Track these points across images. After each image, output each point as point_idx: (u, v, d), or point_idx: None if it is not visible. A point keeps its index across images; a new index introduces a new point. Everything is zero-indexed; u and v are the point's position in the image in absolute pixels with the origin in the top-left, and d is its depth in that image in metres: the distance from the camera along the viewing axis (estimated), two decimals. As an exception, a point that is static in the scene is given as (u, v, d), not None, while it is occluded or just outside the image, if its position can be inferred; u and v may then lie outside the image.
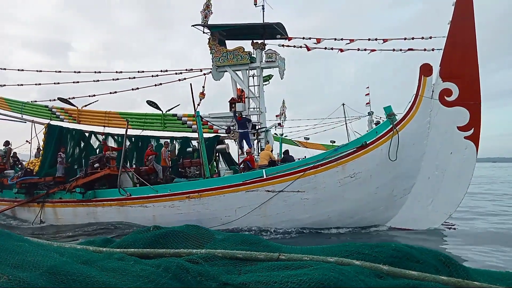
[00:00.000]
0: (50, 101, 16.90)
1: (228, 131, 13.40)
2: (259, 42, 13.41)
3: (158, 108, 14.03)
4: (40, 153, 16.13)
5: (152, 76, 14.99)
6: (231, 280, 2.88)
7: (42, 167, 14.79)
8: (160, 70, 14.83)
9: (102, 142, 14.31)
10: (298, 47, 12.85)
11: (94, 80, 16.01)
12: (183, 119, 14.03)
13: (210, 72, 13.99)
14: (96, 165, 12.12)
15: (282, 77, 13.56)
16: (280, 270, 2.97)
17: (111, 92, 15.68)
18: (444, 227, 11.26)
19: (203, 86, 14.20)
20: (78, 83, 16.46)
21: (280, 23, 13.18)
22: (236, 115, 13.04)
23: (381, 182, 10.91)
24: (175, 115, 14.25)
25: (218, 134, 13.75)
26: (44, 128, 15.63)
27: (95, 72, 15.84)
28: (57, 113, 16.19)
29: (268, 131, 13.51)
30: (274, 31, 13.28)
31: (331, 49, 12.45)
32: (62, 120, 16.07)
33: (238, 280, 2.86)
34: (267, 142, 13.26)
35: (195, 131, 13.70)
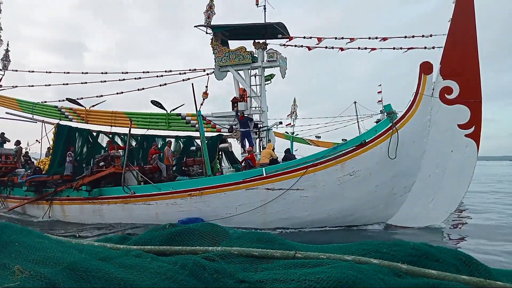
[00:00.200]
0: (59, 101, 17.37)
1: (231, 130, 13.57)
2: (261, 42, 13.55)
3: (162, 107, 14.26)
4: (50, 152, 16.59)
5: (157, 76, 15.25)
6: (247, 278, 2.86)
7: (51, 165, 15.18)
8: (165, 71, 15.08)
9: (108, 141, 14.62)
10: (299, 47, 12.94)
11: (102, 81, 16.36)
12: (187, 118, 14.24)
13: (213, 72, 14.17)
14: (101, 163, 12.44)
15: (283, 76, 13.68)
16: (296, 268, 2.95)
17: (118, 93, 16.03)
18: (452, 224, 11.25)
19: (206, 86, 14.40)
20: (87, 83, 16.83)
21: (282, 23, 13.28)
22: (238, 114, 13.20)
23: (380, 180, 10.94)
24: (179, 115, 14.46)
25: (221, 133, 13.93)
26: (53, 128, 16.06)
27: (101, 73, 16.20)
28: (66, 113, 16.59)
29: (269, 130, 13.64)
30: (276, 31, 13.39)
31: (331, 48, 12.51)
32: (71, 120, 16.46)
33: (255, 278, 2.84)
34: (268, 141, 13.39)
35: (198, 130, 13.92)
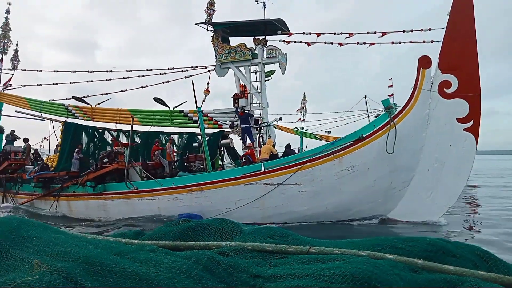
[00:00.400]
0: (66, 99, 17.77)
1: (232, 126, 13.74)
2: (261, 39, 13.65)
3: (165, 104, 14.51)
4: (58, 149, 17.01)
5: (160, 74, 15.48)
6: (262, 273, 2.87)
7: (59, 162, 15.59)
8: (167, 68, 15.30)
9: (112, 138, 14.93)
10: (299, 42, 12.99)
11: (107, 79, 16.67)
12: (189, 115, 14.44)
13: (214, 69, 14.34)
14: (105, 160, 12.74)
15: (283, 72, 13.77)
16: (311, 263, 2.95)
17: (122, 90, 16.31)
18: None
19: (208, 83, 14.56)
20: (92, 81, 17.17)
21: (281, 19, 13.35)
22: (239, 111, 13.35)
23: (378, 175, 10.99)
24: (181, 112, 14.68)
25: (223, 129, 14.10)
26: (61, 126, 16.46)
27: (107, 71, 16.50)
28: (72, 111, 16.96)
29: (269, 126, 13.76)
30: (275, 27, 13.46)
31: (330, 43, 12.53)
32: (78, 118, 16.82)
33: (269, 273, 2.85)
34: (269, 137, 13.51)
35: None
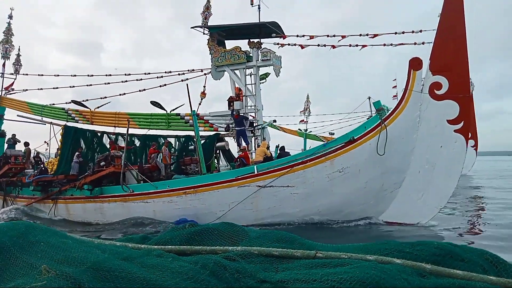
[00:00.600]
0: (66, 103, 18.06)
1: (227, 129, 13.90)
2: (255, 41, 13.80)
3: (162, 108, 14.69)
4: (59, 153, 17.29)
5: (157, 77, 15.68)
6: (268, 278, 2.84)
7: (59, 166, 15.84)
8: (165, 72, 15.49)
9: (109, 141, 15.15)
10: (293, 45, 13.12)
11: (105, 83, 16.91)
12: (186, 118, 14.61)
13: (210, 72, 14.50)
14: (102, 163, 12.96)
15: (277, 75, 13.90)
16: (318, 268, 2.93)
17: (121, 94, 16.54)
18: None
19: (204, 86, 14.73)
20: (92, 85, 17.42)
21: (276, 22, 13.49)
22: (234, 113, 13.50)
23: (370, 177, 11.08)
24: (178, 115, 14.87)
25: (218, 132, 14.26)
26: (61, 129, 16.74)
27: (106, 75, 16.74)
28: (72, 114, 17.22)
29: (264, 128, 13.90)
30: (270, 30, 13.60)
31: (323, 46, 12.65)
32: (77, 122, 17.07)
33: (276, 278, 2.83)
34: (263, 139, 13.65)
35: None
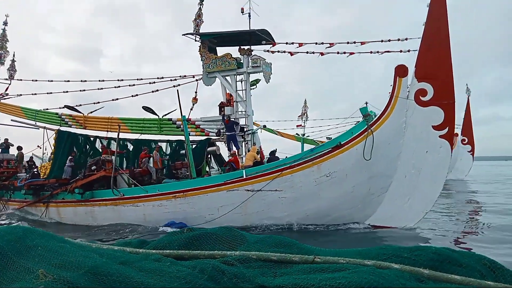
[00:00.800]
0: (59, 108, 18.18)
1: (218, 134, 14.06)
2: (246, 48, 14.02)
3: (154, 113, 14.86)
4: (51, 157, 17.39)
5: (150, 83, 15.86)
6: (267, 283, 2.85)
7: (52, 169, 15.95)
8: (157, 77, 15.68)
9: (101, 146, 15.28)
10: (282, 52, 13.35)
11: (98, 88, 17.07)
12: (177, 123, 14.76)
13: (202, 78, 14.70)
14: (93, 167, 13.08)
15: (267, 81, 14.10)
16: (316, 273, 2.93)
17: (113, 99, 16.69)
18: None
19: (196, 92, 14.92)
20: (85, 91, 17.58)
21: (265, 30, 13.73)
22: (224, 119, 13.68)
23: (357, 181, 11.24)
24: (170, 120, 15.02)
25: (210, 137, 14.42)
26: (54, 134, 16.86)
27: (99, 80, 16.92)
28: (65, 119, 17.32)
29: (254, 133, 14.07)
30: (260, 37, 13.83)
31: (312, 53, 12.89)
32: (70, 126, 17.19)
33: (275, 283, 2.83)
34: (253, 144, 13.82)
35: (189, 134, 14.47)
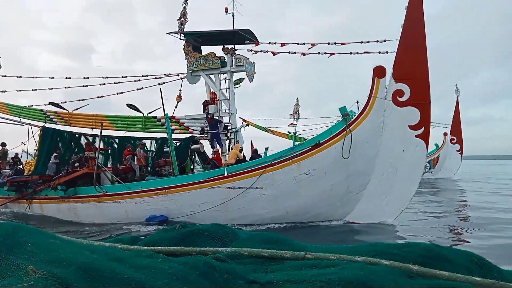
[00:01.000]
0: (45, 105, 18.17)
1: (202, 132, 14.24)
2: (229, 48, 14.19)
3: (139, 110, 14.95)
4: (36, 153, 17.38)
5: (135, 81, 15.94)
6: (258, 279, 2.85)
7: (36, 166, 15.96)
8: (142, 75, 15.77)
9: (86, 142, 15.34)
10: (265, 52, 13.54)
11: (83, 86, 17.08)
12: (162, 121, 14.88)
13: (186, 76, 14.83)
14: (76, 164, 13.15)
15: (250, 80, 14.30)
16: (307, 269, 2.94)
17: (98, 97, 16.73)
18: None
19: (180, 90, 15.05)
20: (70, 88, 17.57)
21: (249, 30, 13.91)
22: (208, 117, 13.84)
23: (335, 179, 11.50)
24: (155, 117, 15.14)
25: (194, 135, 14.58)
26: (39, 130, 16.85)
27: (83, 77, 16.93)
28: (50, 116, 17.34)
29: (237, 132, 14.26)
30: (244, 37, 14.01)
31: (294, 53, 13.11)
32: (55, 123, 17.22)
33: (266, 279, 2.85)
34: (236, 142, 14.01)
35: (173, 132, 14.61)
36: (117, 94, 16.49)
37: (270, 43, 13.37)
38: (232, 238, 3.92)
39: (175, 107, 15.47)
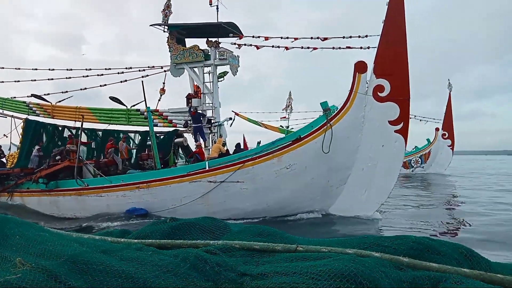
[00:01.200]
0: (27, 97, 17.93)
1: (186, 125, 14.21)
2: (213, 41, 14.12)
3: (122, 103, 14.86)
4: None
5: (118, 73, 15.81)
6: (249, 271, 2.87)
7: (19, 159, 15.83)
8: (125, 67, 15.63)
9: (69, 135, 15.23)
10: (249, 45, 13.52)
11: (67, 77, 16.88)
12: (145, 114, 14.82)
13: (170, 69, 14.75)
14: (57, 157, 13.07)
15: (234, 74, 14.28)
16: (298, 261, 2.97)
17: (81, 89, 16.57)
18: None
19: (164, 83, 14.97)
20: (53, 80, 17.35)
21: (233, 23, 13.85)
22: (191, 110, 13.82)
23: (316, 173, 11.60)
24: (138, 110, 15.06)
25: (177, 128, 14.56)
26: (22, 123, 16.67)
27: (67, 69, 16.74)
28: (33, 108, 17.13)
29: (221, 125, 14.27)
30: (228, 30, 13.94)
31: (277, 47, 13.10)
32: (38, 115, 17.04)
33: (257, 271, 2.86)
34: (220, 136, 14.03)
35: (156, 125, 14.57)
36: (100, 86, 16.33)
37: (253, 36, 13.34)
38: (224, 231, 3.98)
39: (159, 100, 15.42)
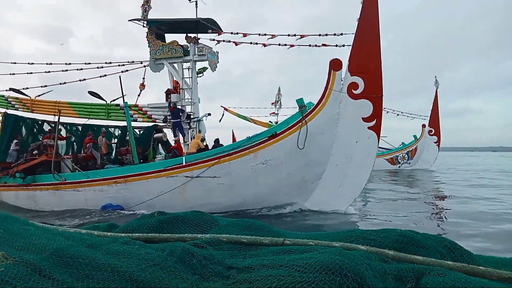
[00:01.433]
0: (6, 91, 17.74)
1: (165, 121, 14.27)
2: (192, 37, 14.18)
3: (101, 98, 14.83)
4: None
5: (98, 67, 15.75)
6: (236, 264, 2.89)
7: (-3, 153, 15.71)
8: (105, 62, 15.59)
9: (49, 129, 15.16)
10: (227, 42, 13.62)
11: (46, 72, 16.75)
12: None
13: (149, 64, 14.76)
14: (35, 152, 13.03)
15: (213, 70, 14.37)
16: (285, 254, 3.02)
17: (61, 83, 16.46)
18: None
19: (143, 78, 14.99)
20: (32, 73, 17.21)
21: (212, 19, 13.92)
22: (170, 106, 13.88)
23: (291, 169, 11.83)
24: (118, 105, 15.06)
25: (156, 124, 14.61)
26: (0, 117, 16.51)
27: (46, 63, 16.60)
28: (12, 102, 16.98)
29: (200, 121, 14.37)
30: (207, 26, 14.01)
31: (255, 44, 13.23)
32: (17, 109, 16.89)
33: (243, 264, 2.88)
34: (199, 131, 14.14)
35: (136, 120, 14.61)
36: (79, 81, 16.26)
37: (232, 33, 13.44)
38: (212, 225, 4.04)
39: (138, 95, 15.46)
